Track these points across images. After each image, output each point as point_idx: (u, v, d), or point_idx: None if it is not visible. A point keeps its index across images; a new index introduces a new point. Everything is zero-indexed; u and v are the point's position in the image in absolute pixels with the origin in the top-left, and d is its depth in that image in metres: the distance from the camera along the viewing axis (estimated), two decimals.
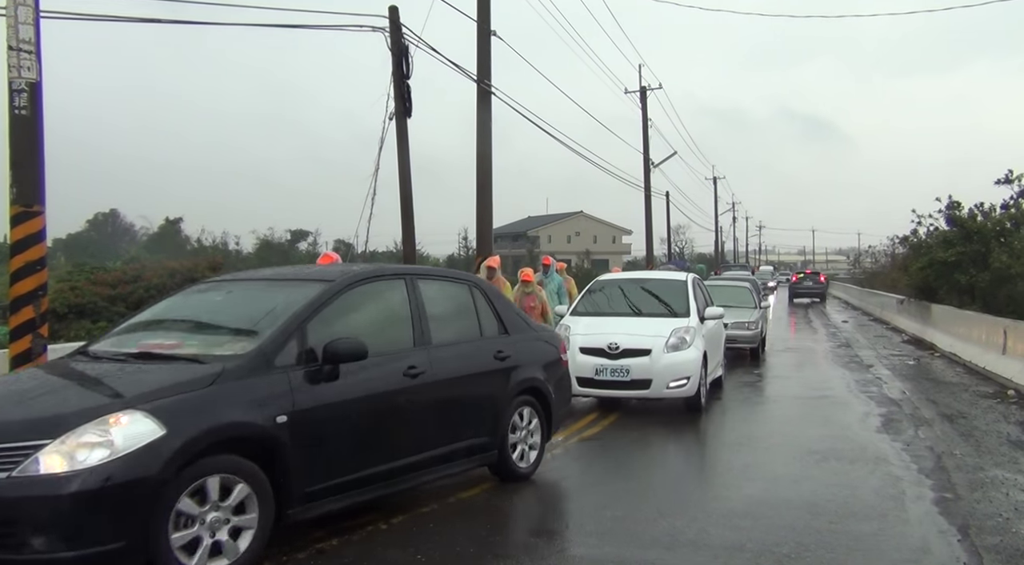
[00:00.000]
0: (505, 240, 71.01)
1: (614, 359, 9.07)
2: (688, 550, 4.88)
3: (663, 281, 11.15)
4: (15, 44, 7.18)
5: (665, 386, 8.96)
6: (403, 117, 14.71)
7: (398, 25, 14.35)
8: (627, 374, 9.01)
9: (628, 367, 9.00)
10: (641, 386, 9.04)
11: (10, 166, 7.33)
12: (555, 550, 4.93)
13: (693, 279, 10.90)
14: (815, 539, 5.04)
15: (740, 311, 14.73)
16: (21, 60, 7.22)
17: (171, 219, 54.98)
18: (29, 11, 7.23)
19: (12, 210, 7.33)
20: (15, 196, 7.32)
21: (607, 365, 9.06)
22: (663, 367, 9.01)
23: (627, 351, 9.06)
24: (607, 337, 9.24)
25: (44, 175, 7.49)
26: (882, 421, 9.07)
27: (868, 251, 55.17)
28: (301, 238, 54.04)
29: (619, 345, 9.10)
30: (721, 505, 5.84)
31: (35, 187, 7.40)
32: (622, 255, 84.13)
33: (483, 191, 15.74)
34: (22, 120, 7.30)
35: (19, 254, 7.38)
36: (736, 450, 7.84)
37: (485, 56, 15.29)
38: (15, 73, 7.21)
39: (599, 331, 9.43)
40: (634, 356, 9.05)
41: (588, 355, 9.17)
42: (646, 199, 34.21)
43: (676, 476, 7.14)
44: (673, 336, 9.22)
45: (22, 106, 7.26)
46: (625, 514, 5.60)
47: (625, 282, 11.32)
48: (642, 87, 34.40)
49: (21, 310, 7.38)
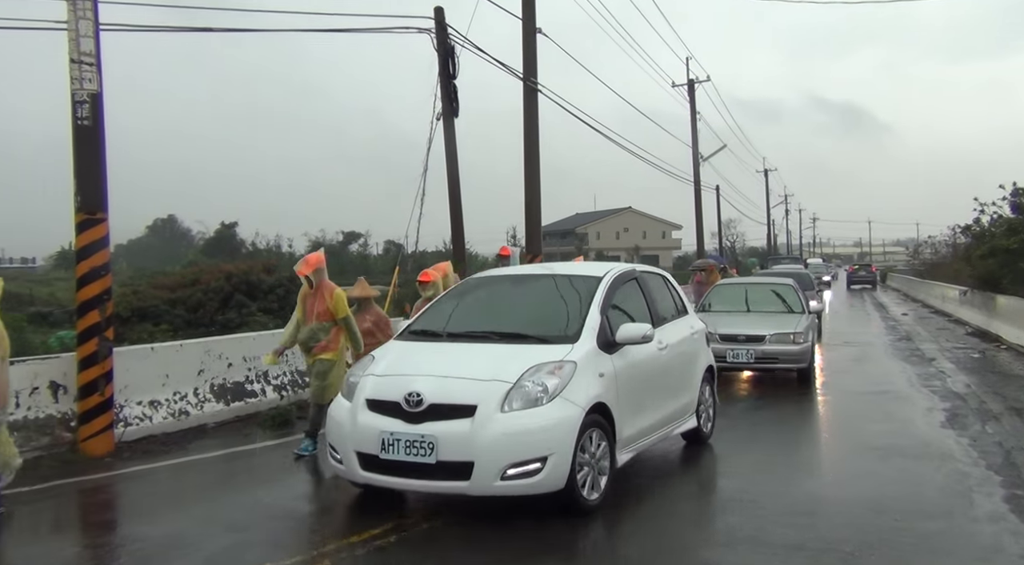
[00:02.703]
0: (554, 238, 70.90)
1: (413, 422, 5.15)
2: (746, 548, 4.81)
3: (560, 279, 6.66)
4: (76, 57, 7.42)
5: (498, 475, 4.98)
6: (450, 117, 14.81)
7: (444, 26, 14.45)
8: (431, 452, 5.03)
9: (433, 438, 5.04)
10: (454, 473, 5.04)
11: (74, 175, 7.58)
12: (609, 546, 4.90)
13: (616, 276, 6.59)
14: (879, 537, 4.91)
15: (780, 319, 11.65)
16: (83, 72, 7.45)
17: (226, 223, 56.15)
18: (89, 24, 7.46)
19: (77, 217, 7.59)
20: (79, 204, 7.57)
21: (401, 434, 5.13)
22: (494, 439, 5.00)
23: (435, 409, 5.14)
24: (409, 382, 5.32)
25: (106, 183, 7.72)
26: (947, 416, 8.80)
27: (928, 241, 53.49)
28: (353, 240, 54.81)
29: (422, 396, 5.17)
30: (779, 502, 5.73)
31: (98, 195, 7.65)
32: (672, 250, 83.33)
33: (531, 189, 15.74)
34: (85, 130, 7.54)
35: (84, 260, 7.63)
36: (793, 446, 7.69)
37: (531, 54, 15.28)
38: (77, 85, 7.45)
39: (405, 369, 5.58)
40: (446, 417, 5.11)
41: (377, 413, 5.34)
42: (696, 193, 33.81)
43: (731, 472, 7.05)
44: (526, 380, 5.22)
45: (84, 117, 7.51)
46: (681, 510, 5.54)
47: (503, 283, 7.11)
48: (690, 80, 34.00)
49: (87, 314, 7.63)
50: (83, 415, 7.47)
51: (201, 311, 15.52)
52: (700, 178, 33.77)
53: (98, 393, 7.50)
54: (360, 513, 5.66)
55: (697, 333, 7.58)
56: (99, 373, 7.59)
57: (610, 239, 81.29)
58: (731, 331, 11.09)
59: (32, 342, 12.86)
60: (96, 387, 7.53)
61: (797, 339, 10.88)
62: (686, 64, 38.77)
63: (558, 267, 7.43)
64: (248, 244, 50.78)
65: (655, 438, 6.47)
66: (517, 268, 8.12)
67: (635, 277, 6.95)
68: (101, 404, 7.56)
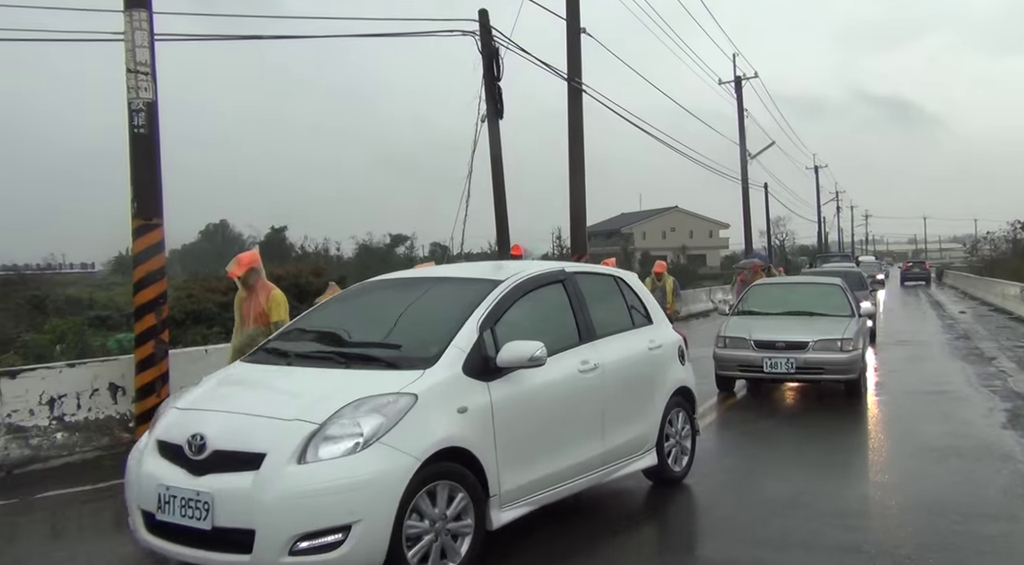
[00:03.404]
0: (599, 238, 70.59)
1: (194, 473, 3.95)
2: (800, 551, 4.73)
3: (453, 285, 5.43)
4: (133, 66, 7.63)
5: (285, 548, 3.69)
6: (495, 119, 14.85)
7: (488, 28, 14.51)
8: (206, 514, 3.82)
9: (210, 496, 3.82)
10: (233, 544, 3.77)
11: (131, 182, 7.80)
12: (662, 549, 4.86)
13: (523, 281, 5.18)
14: (938, 540, 4.78)
15: (826, 323, 10.23)
16: (139, 81, 7.66)
17: (276, 228, 57.16)
18: (144, 35, 7.67)
19: (133, 223, 7.80)
20: (136, 210, 7.79)
21: (177, 489, 3.94)
22: (279, 500, 3.72)
23: (219, 457, 3.93)
24: (199, 419, 4.17)
25: (161, 189, 7.93)
26: (1008, 417, 8.53)
27: (987, 237, 51.99)
28: (399, 242, 55.33)
29: (206, 440, 3.97)
30: (833, 504, 5.62)
31: (154, 201, 7.86)
32: (719, 250, 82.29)
33: (575, 189, 15.71)
34: (141, 138, 7.75)
35: (141, 265, 7.84)
36: (847, 447, 7.53)
37: (575, 54, 15.26)
38: (133, 94, 7.66)
39: (208, 403, 4.38)
40: (229, 469, 3.89)
41: (164, 459, 4.15)
42: (743, 191, 33.36)
43: (785, 474, 6.93)
44: (337, 420, 3.92)
45: (140, 125, 7.72)
46: (733, 513, 5.47)
47: (386, 289, 5.71)
48: (737, 77, 33.61)
49: (144, 317, 7.84)
50: (140, 416, 7.67)
51: None
52: (748, 176, 33.34)
53: (155, 394, 7.69)
54: None
55: (661, 347, 6.04)
56: (156, 375, 7.79)
57: (656, 239, 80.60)
58: (768, 337, 9.87)
59: (92, 345, 13.29)
60: (153, 388, 7.74)
61: (845, 346, 9.58)
62: (733, 61, 38.28)
63: (465, 270, 5.98)
64: (297, 248, 51.62)
65: (576, 485, 5.05)
66: (414, 272, 6.50)
67: (560, 280, 5.48)
68: (158, 405, 7.74)
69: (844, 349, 9.57)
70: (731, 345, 10.14)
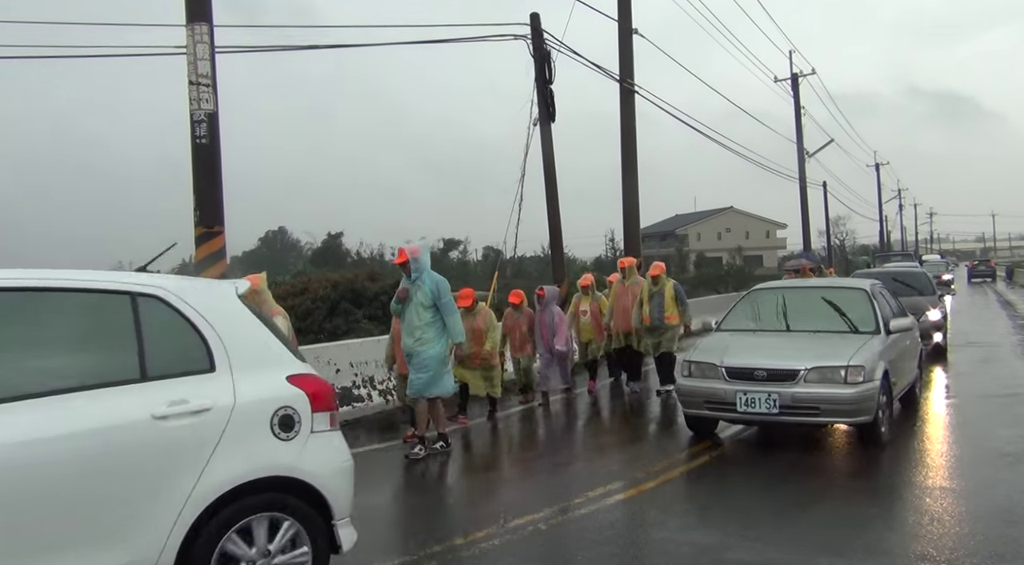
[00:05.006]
0: (653, 240, 70.05)
1: None
2: (863, 557, 4.60)
3: None
4: (194, 79, 7.86)
5: None
6: (547, 122, 14.85)
7: (539, 31, 14.53)
8: None
9: None
10: None
11: (193, 190, 8.03)
12: (715, 555, 4.79)
13: None
14: (1012, 549, 4.60)
15: (830, 343, 7.53)
16: (200, 93, 7.89)
17: (332, 234, 58.21)
18: (206, 48, 7.89)
19: (196, 231, 8.03)
20: (198, 218, 8.01)
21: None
22: None
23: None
24: None
25: (223, 197, 8.14)
26: None
27: None
28: (453, 247, 55.80)
29: None
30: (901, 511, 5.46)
31: (216, 209, 8.07)
32: (776, 250, 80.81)
33: (629, 190, 15.62)
34: (203, 148, 7.98)
35: (203, 271, 8.05)
36: (914, 451, 7.30)
37: (627, 55, 15.20)
38: (195, 105, 7.89)
39: None
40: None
41: None
42: (801, 190, 32.67)
43: (848, 477, 6.75)
44: None
45: (202, 135, 7.94)
46: (794, 519, 5.35)
47: None
48: (793, 74, 32.96)
49: None
50: None
51: (310, 319, 16.15)
52: (805, 174, 32.63)
53: None
54: (467, 515, 5.73)
55: (203, 413, 3.53)
56: None
57: (711, 240, 79.58)
58: (744, 363, 7.22)
59: None
60: None
61: (852, 377, 6.84)
62: (789, 58, 37.79)
63: None
64: (353, 253, 52.50)
65: None
66: None
67: None
68: None
69: (850, 381, 6.85)
70: (696, 373, 7.47)
